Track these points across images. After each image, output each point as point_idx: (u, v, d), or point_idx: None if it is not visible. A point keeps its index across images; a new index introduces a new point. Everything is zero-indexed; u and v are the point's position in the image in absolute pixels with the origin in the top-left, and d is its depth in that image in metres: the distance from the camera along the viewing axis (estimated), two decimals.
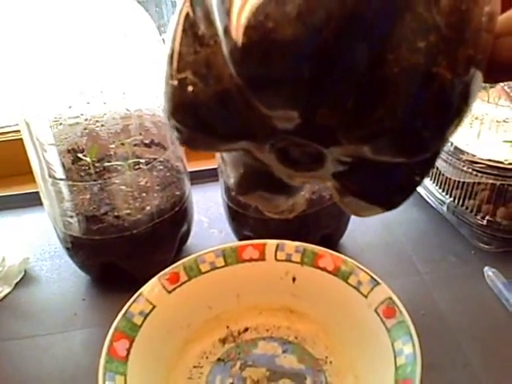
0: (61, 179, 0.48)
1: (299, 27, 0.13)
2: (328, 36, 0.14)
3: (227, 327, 0.47)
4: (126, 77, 0.51)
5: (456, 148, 0.55)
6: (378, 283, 0.43)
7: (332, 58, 0.14)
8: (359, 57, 0.15)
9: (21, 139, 0.77)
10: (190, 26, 0.17)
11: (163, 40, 0.54)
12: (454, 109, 0.16)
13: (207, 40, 0.17)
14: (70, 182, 0.49)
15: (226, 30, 0.15)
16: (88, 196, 0.50)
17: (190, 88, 0.17)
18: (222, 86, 0.17)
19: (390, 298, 0.41)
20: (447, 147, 0.56)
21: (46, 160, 0.47)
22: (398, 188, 0.20)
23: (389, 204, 0.20)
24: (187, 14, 0.17)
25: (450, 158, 0.56)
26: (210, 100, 0.17)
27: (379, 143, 0.17)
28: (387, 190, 0.20)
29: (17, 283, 0.57)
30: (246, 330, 0.47)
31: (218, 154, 0.54)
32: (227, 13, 0.14)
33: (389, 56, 0.15)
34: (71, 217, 0.49)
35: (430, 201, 0.62)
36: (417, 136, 0.16)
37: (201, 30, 0.17)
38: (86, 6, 0.48)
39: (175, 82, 0.17)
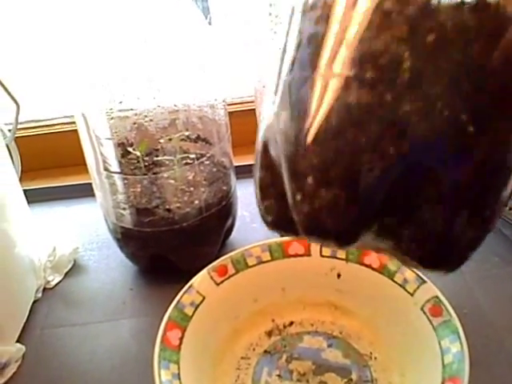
0: (115, 172, 0.50)
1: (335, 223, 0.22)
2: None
3: (273, 320, 0.48)
4: (175, 72, 0.52)
5: None
6: (424, 281, 0.43)
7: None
8: None
9: (66, 131, 0.80)
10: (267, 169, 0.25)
11: None
12: None
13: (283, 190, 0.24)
14: (124, 176, 0.50)
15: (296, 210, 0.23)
16: (139, 189, 0.51)
17: (271, 215, 0.26)
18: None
19: (437, 297, 0.42)
20: None
21: (102, 154, 0.49)
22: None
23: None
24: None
25: None
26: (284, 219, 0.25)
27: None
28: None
29: (67, 272, 0.59)
30: (291, 323, 0.48)
31: None
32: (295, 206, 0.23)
33: None
34: (124, 209, 0.51)
35: None
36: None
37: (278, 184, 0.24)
38: (138, 3, 0.49)
39: (262, 208, 0.26)
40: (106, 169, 0.49)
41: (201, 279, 0.45)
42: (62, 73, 0.51)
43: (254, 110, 0.58)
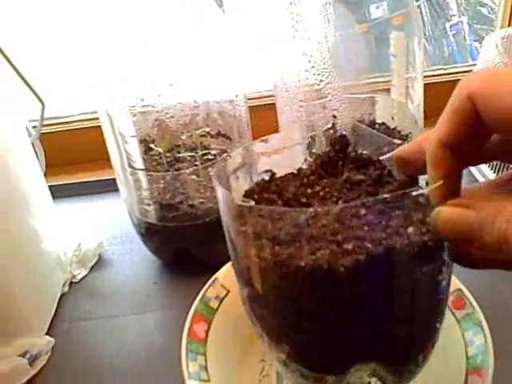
0: (140, 169, 0.50)
1: None
2: None
3: None
4: (195, 69, 0.52)
5: None
6: None
7: None
8: None
9: (87, 127, 0.81)
10: None
11: None
12: None
13: None
14: (148, 172, 0.51)
15: None
16: (162, 185, 0.52)
17: None
18: None
19: (460, 290, 0.42)
20: None
21: (127, 151, 0.50)
22: None
23: None
24: None
25: None
26: None
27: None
28: None
29: (92, 266, 0.60)
30: None
31: None
32: None
33: None
34: (148, 205, 0.52)
35: None
36: None
37: None
38: (157, 3, 0.50)
39: None
40: (130, 166, 0.50)
41: (225, 273, 0.46)
42: (85, 71, 0.52)
43: (273, 104, 0.58)
